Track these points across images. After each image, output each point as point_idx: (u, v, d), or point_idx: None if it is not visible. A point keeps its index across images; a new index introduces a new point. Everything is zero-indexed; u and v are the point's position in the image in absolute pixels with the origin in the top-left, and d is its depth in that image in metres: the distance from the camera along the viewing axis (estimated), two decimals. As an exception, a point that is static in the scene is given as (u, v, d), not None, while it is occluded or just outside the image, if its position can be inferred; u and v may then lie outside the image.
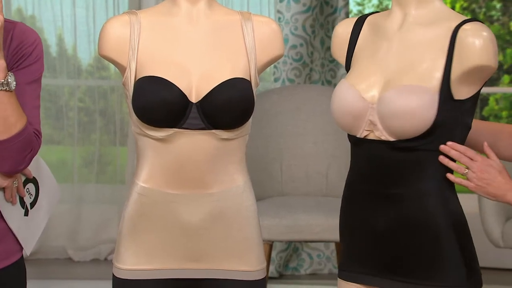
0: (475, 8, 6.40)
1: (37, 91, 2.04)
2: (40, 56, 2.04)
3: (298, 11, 4.21)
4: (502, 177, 1.84)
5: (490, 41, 1.80)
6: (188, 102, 1.96)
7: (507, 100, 7.10)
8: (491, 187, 1.84)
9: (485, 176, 1.84)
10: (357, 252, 1.96)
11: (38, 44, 2.04)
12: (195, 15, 2.03)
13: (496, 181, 1.84)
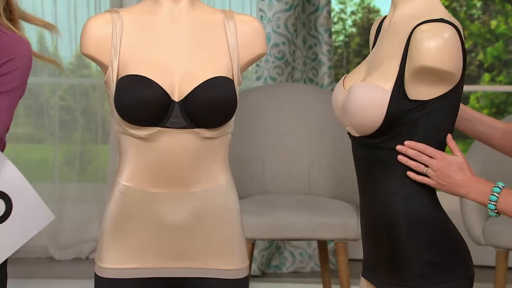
0: (456, 7, 6.42)
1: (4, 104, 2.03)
2: (14, 69, 2.04)
3: (280, 9, 4.21)
4: (464, 174, 1.82)
5: (442, 43, 1.78)
6: (170, 101, 1.96)
7: (487, 98, 7.14)
8: (453, 185, 1.83)
9: (445, 174, 1.82)
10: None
11: (15, 58, 2.04)
12: (177, 13, 2.02)
13: (457, 178, 1.82)
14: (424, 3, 1.89)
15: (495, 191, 1.81)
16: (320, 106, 3.86)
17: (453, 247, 1.88)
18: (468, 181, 1.82)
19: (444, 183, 1.83)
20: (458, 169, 1.82)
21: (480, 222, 3.48)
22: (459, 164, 1.82)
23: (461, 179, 1.82)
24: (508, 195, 1.81)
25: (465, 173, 1.82)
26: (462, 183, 1.82)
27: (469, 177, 1.82)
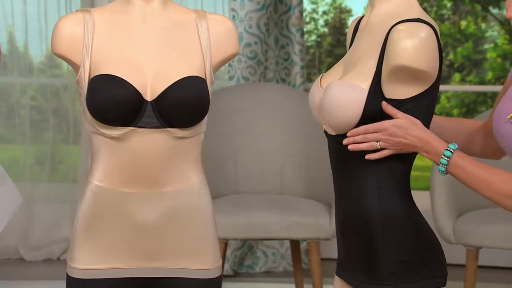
0: (427, 7, 6.47)
1: None
2: None
3: (252, 9, 4.22)
4: (412, 135, 1.82)
5: (419, 42, 1.79)
6: (143, 100, 1.95)
7: (458, 98, 7.19)
8: (408, 146, 1.83)
9: (396, 140, 1.83)
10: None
11: None
12: (149, 13, 2.02)
13: (408, 139, 1.82)
14: (401, 3, 1.90)
15: (446, 155, 1.82)
16: (292, 106, 3.87)
17: (427, 246, 1.89)
18: (418, 140, 1.83)
19: (401, 147, 1.84)
20: (404, 130, 1.82)
21: (450, 221, 3.51)
22: (403, 125, 1.82)
23: (410, 140, 1.83)
24: (459, 159, 1.82)
25: (412, 132, 1.82)
26: (414, 143, 1.83)
27: (419, 137, 1.82)
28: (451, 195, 3.55)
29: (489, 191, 1.80)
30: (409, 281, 1.87)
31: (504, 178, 1.79)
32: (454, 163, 1.82)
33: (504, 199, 1.80)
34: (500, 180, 1.79)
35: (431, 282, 1.88)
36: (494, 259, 4.29)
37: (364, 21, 1.96)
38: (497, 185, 1.79)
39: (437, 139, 1.84)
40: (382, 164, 1.88)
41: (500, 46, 6.92)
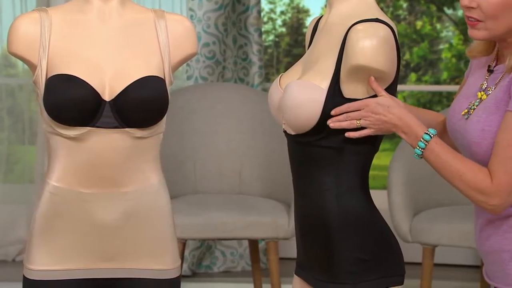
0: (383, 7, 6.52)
1: None
2: None
3: (210, 9, 4.21)
4: (392, 113, 1.82)
5: (377, 42, 1.80)
6: (101, 100, 1.94)
7: (414, 97, 7.26)
8: (388, 125, 1.83)
9: (376, 118, 1.83)
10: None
11: None
12: (107, 12, 2.01)
13: (388, 117, 1.83)
14: (360, 3, 1.92)
15: (425, 139, 1.83)
16: (251, 106, 3.87)
17: (385, 245, 1.91)
18: (398, 120, 1.83)
19: (380, 126, 1.84)
20: (385, 108, 1.83)
21: (407, 220, 3.54)
22: (384, 102, 1.83)
23: (390, 118, 1.83)
24: (436, 146, 1.83)
25: (393, 111, 1.83)
26: (394, 122, 1.83)
27: (399, 116, 1.83)
28: (408, 194, 3.58)
29: (459, 182, 1.82)
30: (367, 280, 1.88)
31: (475, 171, 1.81)
32: (431, 148, 1.83)
33: (472, 192, 1.82)
34: (472, 172, 1.81)
35: (389, 281, 1.90)
36: (450, 257, 4.34)
37: (323, 21, 1.97)
38: (468, 177, 1.81)
39: (417, 121, 1.85)
40: (341, 163, 1.89)
41: (455, 47, 7.00)
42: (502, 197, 1.80)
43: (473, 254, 4.32)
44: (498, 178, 1.80)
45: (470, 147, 1.88)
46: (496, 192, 1.80)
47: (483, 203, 1.82)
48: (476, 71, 1.99)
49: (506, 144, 1.79)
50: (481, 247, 1.95)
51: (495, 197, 1.80)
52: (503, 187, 1.80)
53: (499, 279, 1.92)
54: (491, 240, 1.91)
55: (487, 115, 1.86)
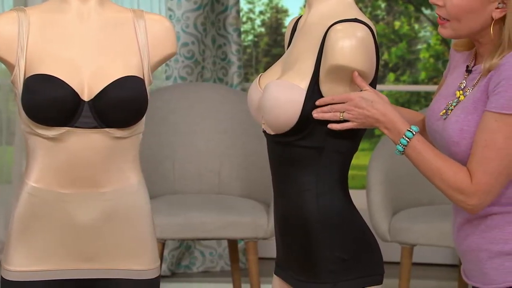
0: (362, 7, 6.54)
1: None
2: None
3: (189, 8, 4.21)
4: (375, 109, 1.83)
5: (356, 42, 1.81)
6: (80, 100, 1.93)
7: (392, 97, 7.29)
8: (370, 120, 1.84)
9: (359, 112, 1.83)
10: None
11: None
12: (86, 12, 2.00)
13: (371, 112, 1.83)
14: (339, 3, 1.92)
15: (407, 136, 1.84)
16: (230, 106, 3.87)
17: (364, 244, 1.91)
18: (381, 115, 1.84)
19: (363, 120, 1.84)
20: (368, 103, 1.83)
21: (386, 219, 3.55)
22: (369, 97, 1.83)
23: (374, 113, 1.84)
24: (418, 143, 1.83)
25: (376, 106, 1.84)
26: (376, 117, 1.84)
27: (382, 112, 1.83)
28: (386, 193, 3.60)
29: (439, 181, 1.83)
30: (347, 279, 1.89)
31: (456, 171, 1.82)
32: (413, 145, 1.84)
33: (452, 191, 1.83)
34: (452, 172, 1.82)
35: (369, 280, 1.91)
36: (428, 256, 4.37)
37: (302, 21, 1.97)
38: (449, 177, 1.82)
39: (401, 118, 1.85)
40: (320, 163, 1.90)
41: (433, 47, 7.04)
42: (481, 197, 1.81)
43: (451, 253, 4.35)
44: (477, 178, 1.81)
45: (449, 147, 1.90)
46: (475, 192, 1.81)
47: (462, 203, 1.83)
48: (455, 70, 2.00)
49: (484, 144, 1.80)
50: (459, 246, 1.96)
51: (474, 197, 1.81)
52: (482, 187, 1.81)
53: (476, 278, 1.93)
54: (469, 240, 1.92)
55: (465, 115, 1.87)
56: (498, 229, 1.87)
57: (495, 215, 1.88)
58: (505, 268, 1.87)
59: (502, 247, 1.87)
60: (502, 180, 1.81)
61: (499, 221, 1.87)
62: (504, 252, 1.87)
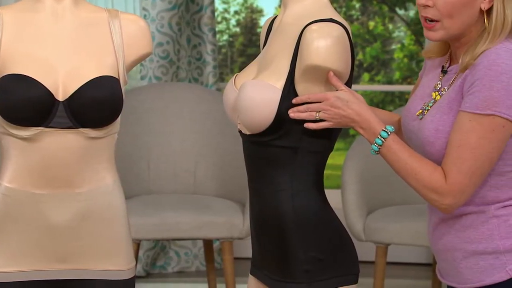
0: (336, 8, 6.56)
1: None
2: None
3: (164, 8, 4.20)
4: (351, 109, 1.83)
5: (331, 42, 1.82)
6: (54, 100, 1.93)
7: (367, 97, 7.32)
8: (346, 120, 1.84)
9: (335, 111, 1.84)
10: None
11: None
12: (60, 12, 1.99)
13: (347, 112, 1.84)
14: (314, 3, 1.92)
15: (382, 136, 1.84)
16: (205, 106, 3.87)
17: (340, 244, 1.92)
18: (357, 115, 1.84)
19: (339, 120, 1.85)
20: (344, 103, 1.84)
21: (361, 218, 3.57)
22: (344, 97, 1.84)
23: (349, 113, 1.84)
24: (393, 143, 1.84)
25: (352, 106, 1.84)
26: (352, 117, 1.84)
27: (358, 112, 1.84)
28: (361, 193, 3.61)
29: (414, 180, 1.84)
30: (322, 278, 1.89)
31: (431, 171, 1.83)
32: (388, 145, 1.84)
33: (426, 191, 1.84)
34: (427, 172, 1.83)
35: (344, 279, 1.92)
36: (402, 256, 4.39)
37: (278, 21, 1.97)
38: (424, 176, 1.83)
39: (376, 118, 1.86)
40: (296, 163, 1.90)
41: (407, 47, 7.08)
42: (455, 196, 1.83)
43: (426, 252, 4.37)
44: (451, 177, 1.82)
45: (424, 146, 1.91)
46: (449, 191, 1.82)
47: (436, 202, 1.84)
48: (430, 71, 2.01)
49: (459, 143, 1.81)
50: (434, 246, 1.98)
51: (448, 197, 1.82)
52: (456, 187, 1.82)
53: (451, 277, 1.95)
54: (444, 239, 1.94)
55: (440, 115, 1.88)
56: (473, 229, 1.89)
57: (469, 214, 1.89)
58: (480, 268, 1.88)
59: (476, 246, 1.88)
60: (476, 180, 1.82)
61: (473, 220, 1.89)
62: (479, 252, 1.88)
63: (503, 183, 1.87)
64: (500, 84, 1.78)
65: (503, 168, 1.86)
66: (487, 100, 1.78)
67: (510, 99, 1.78)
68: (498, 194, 1.87)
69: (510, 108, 1.79)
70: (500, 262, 1.87)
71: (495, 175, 1.86)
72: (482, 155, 1.81)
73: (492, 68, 1.79)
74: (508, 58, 1.80)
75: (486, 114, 1.79)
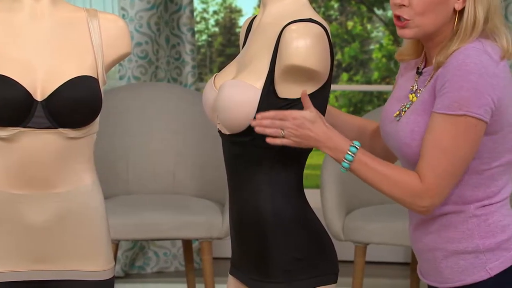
0: (315, 8, 6.59)
1: None
2: None
3: (143, 8, 4.19)
4: (318, 129, 1.83)
5: (310, 42, 1.82)
6: (32, 100, 1.92)
7: (345, 97, 7.35)
8: (310, 140, 1.84)
9: (300, 132, 1.83)
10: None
11: None
12: (38, 11, 1.98)
13: (313, 133, 1.83)
14: (293, 3, 1.93)
15: (352, 151, 1.84)
16: (184, 105, 3.87)
17: (319, 244, 1.93)
18: (323, 135, 1.84)
19: (302, 140, 1.84)
20: (311, 124, 1.83)
21: (340, 218, 3.58)
22: (311, 118, 1.83)
23: (316, 133, 1.84)
24: (363, 156, 1.84)
25: (319, 126, 1.84)
26: (319, 138, 1.84)
27: (324, 131, 1.84)
28: (340, 193, 3.62)
29: (390, 188, 1.84)
30: (302, 278, 1.90)
31: (404, 175, 1.84)
32: (359, 159, 1.84)
33: (403, 196, 1.83)
34: (402, 176, 1.83)
35: (324, 279, 1.92)
36: (381, 255, 4.41)
37: (257, 21, 1.98)
38: (398, 182, 1.83)
39: (341, 136, 1.86)
40: (275, 163, 1.90)
41: (385, 47, 7.11)
42: (433, 198, 1.83)
43: (404, 251, 4.39)
44: (426, 179, 1.83)
45: (401, 148, 1.91)
46: (426, 193, 1.83)
47: (414, 206, 1.84)
48: (406, 73, 2.02)
49: (432, 144, 1.82)
50: (415, 246, 1.98)
51: (425, 199, 1.83)
52: (433, 188, 1.83)
53: (433, 277, 1.96)
54: (424, 239, 1.94)
55: (415, 117, 1.89)
56: (453, 228, 1.90)
57: (449, 214, 1.90)
58: (460, 267, 1.89)
59: (457, 246, 1.89)
60: (452, 180, 1.83)
61: (453, 220, 1.90)
62: (459, 251, 1.89)
63: (481, 182, 1.88)
64: (469, 84, 1.79)
65: (480, 167, 1.87)
66: (457, 100, 1.79)
67: (479, 98, 1.79)
68: (476, 193, 1.88)
69: (481, 107, 1.79)
70: (480, 261, 1.88)
71: (473, 174, 1.87)
72: (456, 155, 1.81)
73: (461, 68, 1.80)
74: (476, 57, 1.81)
75: (458, 115, 1.80)
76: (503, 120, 1.84)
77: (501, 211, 1.89)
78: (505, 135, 1.86)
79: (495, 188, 1.89)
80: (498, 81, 1.81)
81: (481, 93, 1.79)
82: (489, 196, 1.88)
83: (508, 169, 1.90)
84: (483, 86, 1.79)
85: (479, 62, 1.80)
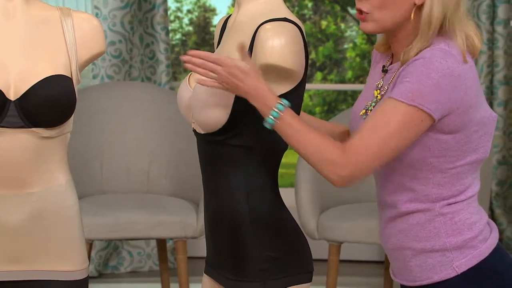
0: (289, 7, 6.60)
1: None
2: None
3: (116, 7, 4.18)
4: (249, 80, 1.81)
5: (285, 41, 1.82)
6: (5, 99, 1.90)
7: (320, 96, 7.37)
8: (240, 89, 1.82)
9: (231, 80, 1.82)
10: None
11: None
12: (11, 10, 1.97)
13: (243, 83, 1.81)
14: (268, 2, 1.93)
15: (278, 108, 1.82)
16: (158, 104, 3.86)
17: (294, 243, 1.93)
18: (253, 88, 1.82)
19: (232, 88, 1.83)
20: (243, 75, 1.81)
21: (314, 217, 3.59)
22: (245, 69, 1.82)
23: (246, 85, 1.82)
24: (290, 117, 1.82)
25: (251, 80, 1.82)
26: (248, 90, 1.82)
27: (255, 85, 1.82)
28: (315, 191, 3.63)
29: (312, 152, 1.81)
30: (277, 277, 1.90)
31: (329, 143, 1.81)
32: (284, 118, 1.81)
33: (324, 163, 1.80)
34: (325, 143, 1.81)
35: (299, 278, 1.93)
36: (355, 254, 4.43)
37: (232, 20, 1.98)
38: (321, 148, 1.80)
39: (273, 93, 1.83)
40: (250, 162, 1.91)
41: (359, 46, 7.14)
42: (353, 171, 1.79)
43: (378, 250, 4.42)
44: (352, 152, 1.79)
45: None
46: (349, 165, 1.79)
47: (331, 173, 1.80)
48: (373, 71, 2.03)
49: (373, 123, 1.79)
50: (385, 244, 1.99)
51: (346, 169, 1.79)
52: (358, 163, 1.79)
53: (402, 276, 1.97)
54: (393, 238, 1.95)
55: None
56: (420, 227, 1.91)
57: (416, 213, 1.91)
58: (428, 265, 1.91)
59: (424, 244, 1.90)
60: (377, 163, 1.80)
61: (420, 218, 1.91)
62: (427, 249, 1.90)
63: (446, 181, 1.89)
64: (431, 81, 1.80)
65: (444, 166, 1.88)
66: (414, 91, 1.80)
67: (435, 96, 1.80)
68: (441, 192, 1.89)
69: (433, 104, 1.80)
70: (447, 259, 1.89)
71: (436, 172, 1.87)
72: (393, 141, 1.80)
73: (425, 65, 1.81)
74: (442, 58, 1.82)
75: (410, 104, 1.80)
76: (465, 120, 1.85)
77: (468, 209, 1.90)
78: (469, 135, 1.87)
79: (460, 187, 1.89)
80: (462, 82, 1.82)
81: (439, 92, 1.80)
82: (455, 194, 1.89)
83: (474, 168, 1.91)
84: (443, 86, 1.80)
85: (444, 62, 1.81)
